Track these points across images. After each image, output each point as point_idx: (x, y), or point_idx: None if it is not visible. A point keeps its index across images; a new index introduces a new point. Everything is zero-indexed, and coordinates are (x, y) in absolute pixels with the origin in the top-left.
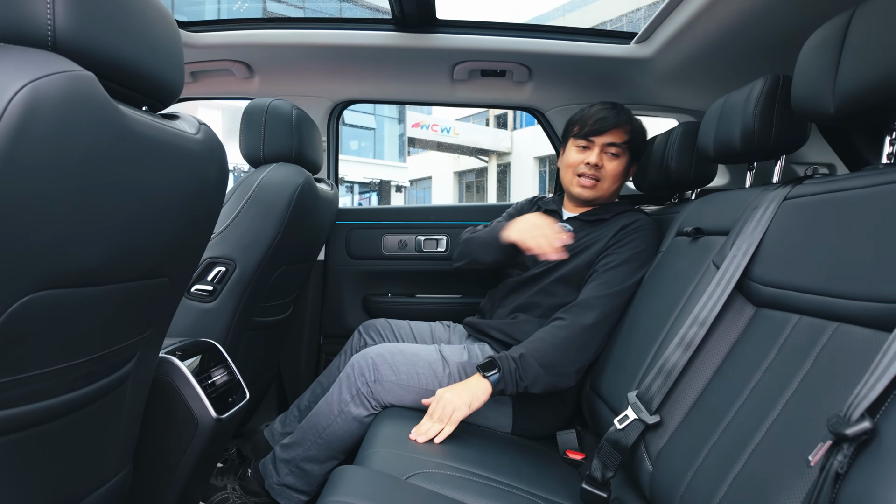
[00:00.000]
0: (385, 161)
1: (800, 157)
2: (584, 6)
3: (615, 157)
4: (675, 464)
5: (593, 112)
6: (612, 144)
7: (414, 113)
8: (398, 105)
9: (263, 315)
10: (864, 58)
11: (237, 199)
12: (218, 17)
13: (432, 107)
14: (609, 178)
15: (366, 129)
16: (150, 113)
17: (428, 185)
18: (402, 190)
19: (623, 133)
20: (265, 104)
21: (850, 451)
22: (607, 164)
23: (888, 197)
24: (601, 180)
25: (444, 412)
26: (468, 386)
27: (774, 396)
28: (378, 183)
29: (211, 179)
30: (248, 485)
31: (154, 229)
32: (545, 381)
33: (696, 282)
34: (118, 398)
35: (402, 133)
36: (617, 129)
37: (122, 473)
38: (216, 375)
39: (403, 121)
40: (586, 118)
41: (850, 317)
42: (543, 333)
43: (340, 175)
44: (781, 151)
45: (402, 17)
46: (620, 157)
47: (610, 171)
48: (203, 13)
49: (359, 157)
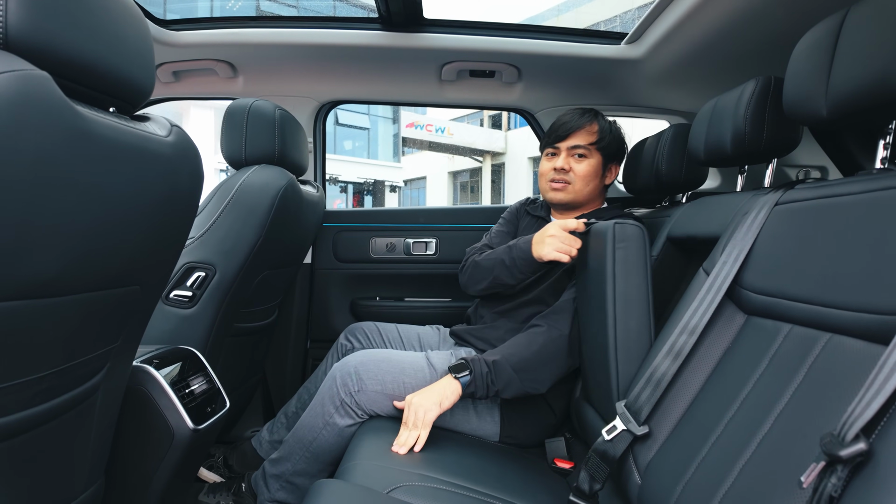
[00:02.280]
0: (379, 161)
1: (791, 160)
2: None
3: (582, 158)
4: (664, 477)
5: (559, 119)
6: (578, 146)
7: (408, 113)
8: (392, 105)
9: (246, 321)
10: (857, 59)
11: (217, 202)
12: (211, 15)
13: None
14: (579, 179)
15: (360, 128)
16: (116, 115)
17: (423, 185)
18: (396, 190)
19: (588, 134)
20: (247, 104)
21: (844, 473)
22: (575, 167)
23: (882, 204)
24: (571, 182)
25: (417, 416)
26: (437, 386)
27: (765, 410)
28: (372, 183)
29: (183, 183)
30: (243, 500)
31: (119, 236)
32: (518, 386)
33: (686, 288)
34: (86, 411)
35: (396, 133)
36: (580, 131)
37: (92, 488)
38: (195, 384)
39: (398, 121)
40: (552, 127)
41: (844, 328)
42: (521, 338)
43: (334, 175)
44: (773, 155)
45: (389, 17)
46: (588, 158)
47: (579, 173)
48: (196, 10)
49: (353, 157)
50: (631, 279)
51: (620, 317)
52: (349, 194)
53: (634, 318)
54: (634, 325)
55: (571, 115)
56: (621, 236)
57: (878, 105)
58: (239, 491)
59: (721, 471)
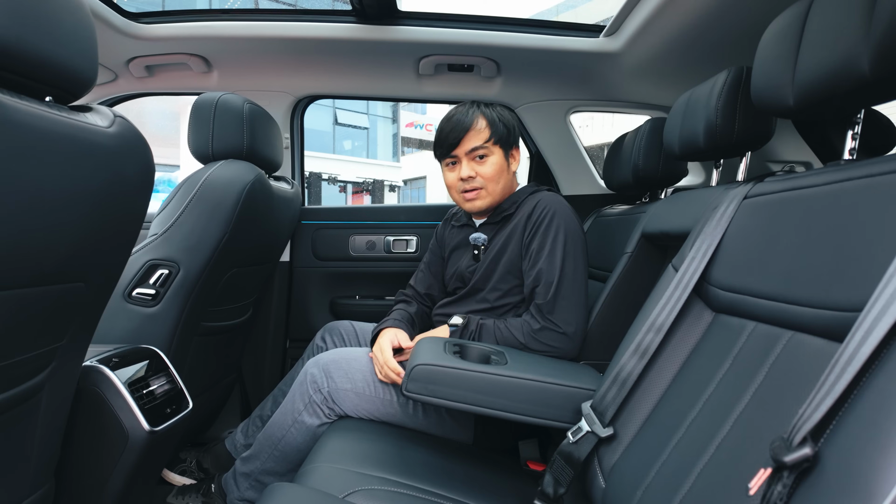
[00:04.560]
0: (379, 161)
1: (775, 154)
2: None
3: (484, 159)
4: (626, 481)
5: (441, 126)
6: (475, 149)
7: (408, 112)
8: (370, 100)
9: (214, 320)
10: (823, 46)
11: (182, 197)
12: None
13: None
14: (489, 181)
15: (359, 128)
16: (52, 104)
17: (423, 184)
18: (395, 189)
19: (480, 132)
20: (215, 98)
21: (790, 480)
22: (480, 170)
23: (845, 195)
24: (483, 187)
25: (378, 363)
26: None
27: (726, 412)
28: (371, 182)
29: (129, 175)
30: (212, 501)
31: (49, 229)
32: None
33: (656, 285)
34: (29, 411)
35: (395, 132)
36: (470, 132)
37: (40, 492)
38: (155, 384)
39: (397, 120)
40: (439, 135)
41: (805, 325)
42: (516, 325)
43: (333, 174)
44: (746, 147)
45: (362, 9)
46: (490, 156)
47: (487, 175)
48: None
49: (352, 156)
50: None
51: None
52: (348, 193)
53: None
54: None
55: (455, 116)
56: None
57: (843, 93)
58: (208, 492)
59: (680, 476)
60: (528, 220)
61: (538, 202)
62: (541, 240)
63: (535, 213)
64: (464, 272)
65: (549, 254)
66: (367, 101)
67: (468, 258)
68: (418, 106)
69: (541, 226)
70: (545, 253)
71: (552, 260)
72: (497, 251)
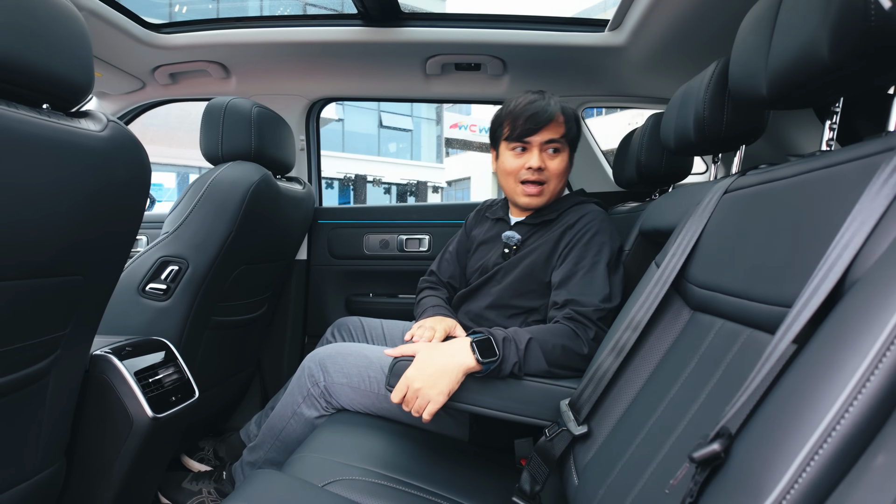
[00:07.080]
0: (422, 162)
1: (796, 148)
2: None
3: (557, 154)
4: (595, 478)
5: (522, 107)
6: (551, 141)
7: (452, 114)
8: (381, 101)
9: (225, 314)
10: (792, 31)
11: (191, 197)
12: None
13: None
14: (554, 177)
15: (403, 130)
16: (49, 111)
17: (467, 185)
18: (438, 191)
19: (559, 125)
20: (225, 102)
21: (701, 476)
22: (550, 164)
23: (807, 187)
24: (547, 182)
25: (419, 405)
26: (450, 364)
27: (683, 410)
28: (415, 184)
29: (120, 175)
30: (223, 487)
31: (40, 226)
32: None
33: (639, 283)
34: (35, 394)
35: (439, 134)
36: (552, 123)
37: (49, 470)
38: (163, 373)
39: (441, 122)
40: (516, 115)
41: (761, 323)
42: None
43: (378, 177)
44: (738, 141)
45: (366, 12)
46: (562, 152)
47: (554, 171)
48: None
49: (397, 158)
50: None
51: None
52: (392, 195)
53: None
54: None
55: (535, 103)
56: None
57: (809, 80)
58: (220, 479)
59: (636, 474)
60: (570, 229)
61: (584, 214)
62: (580, 252)
63: (578, 225)
64: (488, 268)
65: (588, 269)
66: (411, 104)
67: (496, 255)
68: (462, 107)
69: (582, 238)
70: (584, 268)
71: (593, 276)
72: (526, 254)
